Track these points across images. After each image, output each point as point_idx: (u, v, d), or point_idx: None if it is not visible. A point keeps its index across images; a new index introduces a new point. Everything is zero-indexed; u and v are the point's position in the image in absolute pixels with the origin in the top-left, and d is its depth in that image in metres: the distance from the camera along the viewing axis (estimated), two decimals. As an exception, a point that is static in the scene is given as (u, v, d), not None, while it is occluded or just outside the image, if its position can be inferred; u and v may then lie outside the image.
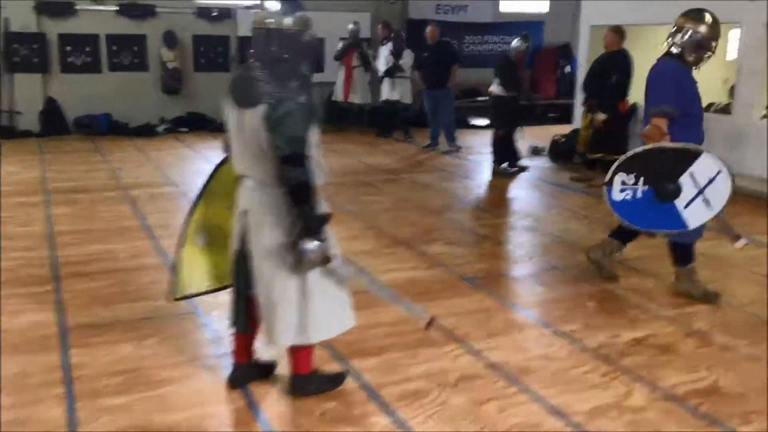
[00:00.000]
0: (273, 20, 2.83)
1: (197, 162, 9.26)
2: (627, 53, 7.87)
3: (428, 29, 10.62)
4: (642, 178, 4.15)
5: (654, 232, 4.54)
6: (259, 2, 12.65)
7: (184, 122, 12.18)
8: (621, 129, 8.06)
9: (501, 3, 14.57)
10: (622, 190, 4.20)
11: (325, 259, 2.93)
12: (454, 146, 10.53)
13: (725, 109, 8.60)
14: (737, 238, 4.41)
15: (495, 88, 8.86)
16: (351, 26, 12.18)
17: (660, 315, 4.33)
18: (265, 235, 2.94)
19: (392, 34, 11.76)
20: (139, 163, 9.20)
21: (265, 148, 2.80)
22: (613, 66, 7.78)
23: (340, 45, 12.26)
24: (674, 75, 4.32)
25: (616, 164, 4.21)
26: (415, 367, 3.58)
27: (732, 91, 8.66)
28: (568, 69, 14.20)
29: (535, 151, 10.41)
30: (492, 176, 8.82)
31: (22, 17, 11.11)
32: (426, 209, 6.93)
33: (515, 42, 8.94)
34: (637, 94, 9.20)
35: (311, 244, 2.86)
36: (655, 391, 3.38)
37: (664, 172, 4.14)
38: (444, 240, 5.88)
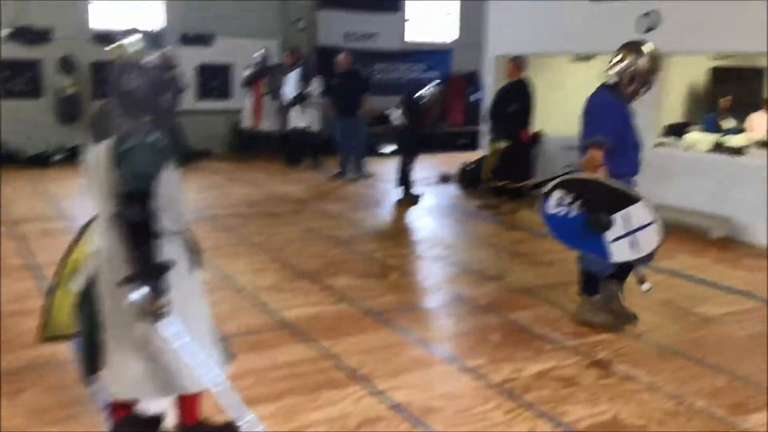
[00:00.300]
0: (128, 53, 2.70)
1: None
2: (527, 83, 8.02)
3: (340, 57, 10.57)
4: (578, 202, 4.20)
5: (576, 250, 4.61)
6: (161, 28, 12.41)
7: (83, 151, 11.62)
8: (523, 157, 8.19)
9: (408, 32, 14.72)
10: (557, 205, 4.29)
11: (154, 313, 2.59)
12: (362, 173, 10.47)
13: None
14: (642, 281, 4.47)
15: (395, 118, 8.82)
16: (260, 52, 12.01)
17: (564, 345, 4.33)
18: (111, 277, 2.72)
19: (300, 61, 11.67)
20: (30, 196, 8.70)
21: (109, 184, 2.62)
22: (514, 95, 7.92)
23: (247, 72, 12.07)
24: (607, 106, 4.35)
25: (558, 180, 4.28)
26: (315, 412, 3.42)
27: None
28: (475, 97, 14.46)
29: (444, 179, 10.47)
30: (399, 205, 8.78)
31: None
32: (332, 240, 6.80)
33: (428, 89, 8.83)
34: (543, 121, 9.53)
35: (138, 293, 2.56)
36: (558, 426, 3.34)
37: (601, 204, 4.16)
38: (350, 272, 5.75)
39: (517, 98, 7.88)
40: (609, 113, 4.33)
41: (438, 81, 9.25)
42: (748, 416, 3.48)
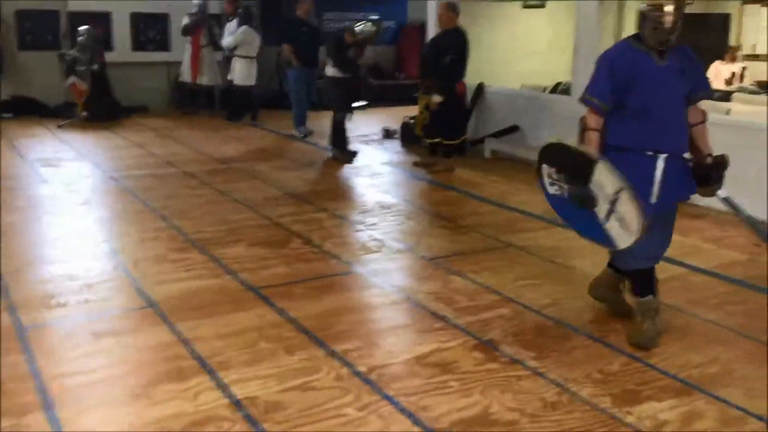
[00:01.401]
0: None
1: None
2: (462, 31, 7.48)
3: (302, 4, 9.81)
4: (562, 175, 3.50)
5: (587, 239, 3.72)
6: (92, -25, 11.64)
7: (8, 107, 11.01)
8: (459, 112, 7.70)
9: (362, -23, 14.01)
10: (551, 184, 3.58)
11: None
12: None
13: (568, 91, 8.42)
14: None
15: (329, 70, 8.27)
16: (196, 1, 11.32)
17: (454, 323, 3.92)
18: None
19: (239, 10, 11.01)
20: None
21: None
22: (446, 45, 7.38)
23: (185, 21, 11.39)
24: (609, 60, 3.54)
25: (539, 154, 3.57)
26: (145, 410, 3.00)
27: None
28: (429, 47, 13.85)
29: (388, 134, 9.98)
30: (332, 163, 8.30)
31: None
32: (243, 204, 6.33)
33: (361, 26, 8.28)
34: (490, 73, 9.00)
35: None
36: (414, 425, 2.94)
37: (574, 174, 3.44)
38: (248, 240, 5.30)
39: (450, 48, 7.33)
40: (607, 67, 3.50)
41: (377, 17, 8.64)
42: (635, 407, 3.10)
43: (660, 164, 3.43)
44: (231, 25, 10.85)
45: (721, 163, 3.54)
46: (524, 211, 6.25)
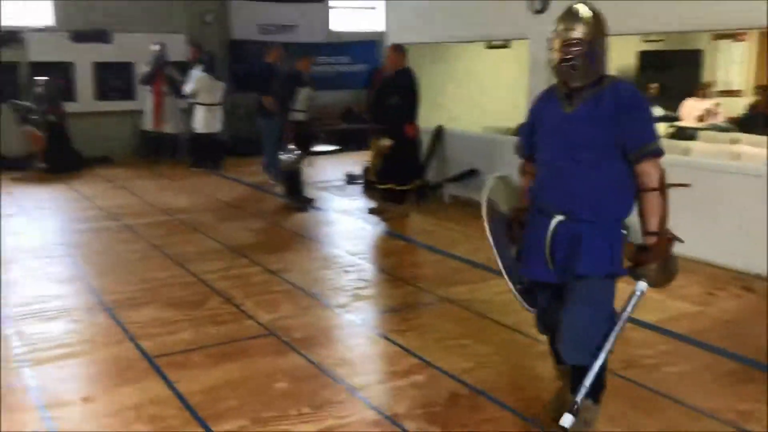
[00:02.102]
0: None
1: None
2: (410, 72, 7.23)
3: (272, 52, 9.63)
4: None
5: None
6: (52, 24, 11.51)
7: (-35, 160, 10.76)
8: (410, 155, 7.40)
9: (332, 22, 13.90)
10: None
11: None
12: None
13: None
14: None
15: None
16: (154, 48, 11.14)
17: (360, 396, 3.54)
18: None
19: (201, 56, 10.83)
20: None
21: None
22: (394, 86, 7.12)
23: (145, 69, 11.20)
24: (530, 104, 3.16)
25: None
26: None
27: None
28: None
29: (351, 179, 9.68)
30: (286, 211, 7.99)
31: None
32: (175, 259, 5.96)
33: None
34: (436, 116, 8.70)
35: None
36: None
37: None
38: (163, 301, 4.93)
39: (396, 89, 7.07)
40: (528, 112, 3.14)
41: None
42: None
43: (551, 227, 2.85)
44: (194, 72, 10.63)
45: (655, 249, 2.73)
46: (469, 260, 5.89)
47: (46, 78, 10.61)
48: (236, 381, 3.72)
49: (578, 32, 2.72)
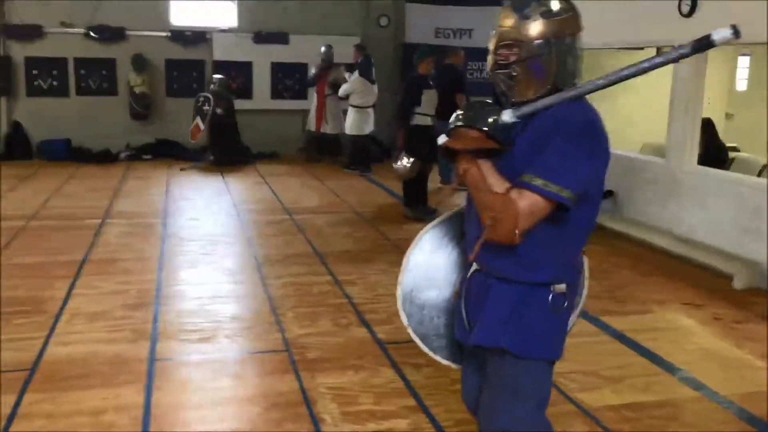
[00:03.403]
0: None
1: (120, 191, 8.72)
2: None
3: (454, 54, 9.80)
4: None
5: None
6: (236, 26, 12.21)
7: (151, 149, 11.77)
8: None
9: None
10: None
11: None
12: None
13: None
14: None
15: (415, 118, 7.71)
16: (322, 49, 11.37)
17: (318, 435, 3.15)
18: None
19: (362, 57, 10.86)
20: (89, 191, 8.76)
21: None
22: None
23: (312, 71, 11.49)
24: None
25: None
26: None
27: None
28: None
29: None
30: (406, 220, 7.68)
31: (-13, 40, 11.13)
32: (262, 260, 5.93)
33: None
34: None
35: None
36: None
37: None
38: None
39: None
40: None
41: None
42: None
43: (467, 277, 2.29)
44: (353, 75, 10.70)
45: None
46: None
47: (220, 76, 11.26)
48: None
49: (519, 30, 2.03)
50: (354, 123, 10.46)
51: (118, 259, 5.86)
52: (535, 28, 2.01)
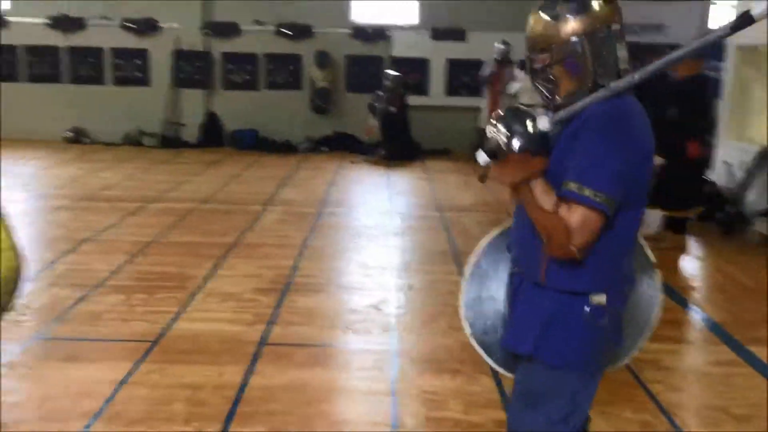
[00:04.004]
0: None
1: (285, 180, 9.23)
2: (706, 80, 5.98)
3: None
4: None
5: None
6: (417, 23, 12.32)
7: (328, 142, 12.27)
8: (689, 178, 6.11)
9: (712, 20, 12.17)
10: None
11: None
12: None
13: None
14: None
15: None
16: (499, 46, 11.15)
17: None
18: None
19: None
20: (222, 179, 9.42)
21: None
22: (680, 96, 5.93)
23: (487, 68, 11.32)
24: None
25: None
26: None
27: None
28: None
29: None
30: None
31: (191, 37, 12.17)
32: (371, 259, 5.97)
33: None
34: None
35: None
36: None
37: None
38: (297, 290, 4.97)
39: (683, 100, 5.88)
40: None
41: None
42: None
43: (508, 283, 2.21)
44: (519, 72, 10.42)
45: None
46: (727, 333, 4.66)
47: (394, 74, 11.45)
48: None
49: (549, 32, 1.94)
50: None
51: (264, 244, 6.16)
52: (565, 27, 1.92)
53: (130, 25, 12.15)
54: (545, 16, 1.97)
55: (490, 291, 2.34)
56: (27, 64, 12.39)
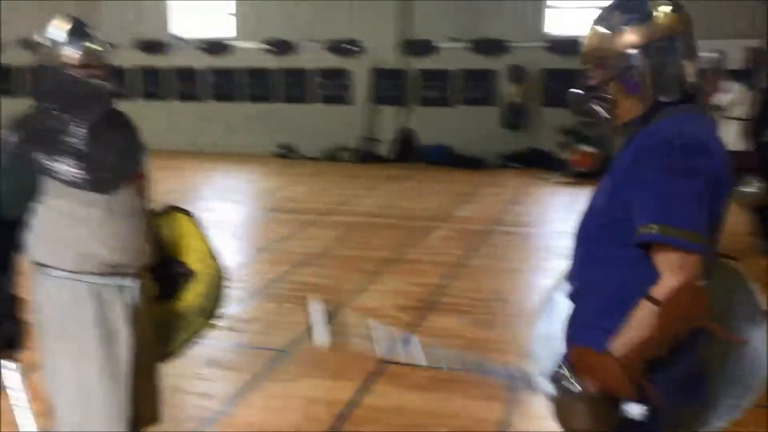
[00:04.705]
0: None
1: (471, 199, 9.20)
2: None
3: None
4: None
5: None
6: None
7: (520, 158, 11.99)
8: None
9: None
10: None
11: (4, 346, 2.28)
12: None
13: None
14: None
15: None
16: (710, 55, 10.17)
17: None
18: None
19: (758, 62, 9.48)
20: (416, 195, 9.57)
21: None
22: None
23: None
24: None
25: None
26: None
27: None
28: None
29: None
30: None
31: (387, 55, 12.55)
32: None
33: None
34: None
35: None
36: None
37: None
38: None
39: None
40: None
41: None
42: None
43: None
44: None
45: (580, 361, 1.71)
46: None
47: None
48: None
49: (603, 46, 1.76)
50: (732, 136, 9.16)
51: (421, 261, 6.15)
52: (620, 39, 1.73)
53: (334, 46, 12.83)
54: (600, 29, 1.79)
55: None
56: (247, 86, 13.55)
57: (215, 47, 13.51)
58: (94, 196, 2.22)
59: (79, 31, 2.28)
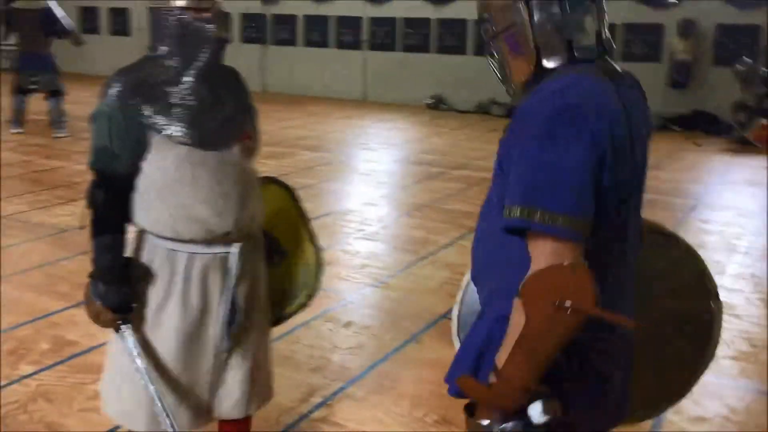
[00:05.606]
0: None
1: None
2: None
3: None
4: None
5: None
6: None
7: (682, 120, 11.10)
8: None
9: None
10: None
11: (112, 319, 2.10)
12: None
13: None
14: None
15: None
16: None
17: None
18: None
19: None
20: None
21: None
22: None
23: None
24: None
25: None
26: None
27: None
28: None
29: None
30: None
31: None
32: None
33: None
34: None
35: (96, 292, 2.09)
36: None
37: None
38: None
39: None
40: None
41: None
42: None
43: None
44: None
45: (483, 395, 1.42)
46: None
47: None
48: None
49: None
50: None
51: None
52: None
53: None
54: None
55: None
56: (402, 36, 13.63)
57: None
58: (202, 155, 2.05)
59: None
